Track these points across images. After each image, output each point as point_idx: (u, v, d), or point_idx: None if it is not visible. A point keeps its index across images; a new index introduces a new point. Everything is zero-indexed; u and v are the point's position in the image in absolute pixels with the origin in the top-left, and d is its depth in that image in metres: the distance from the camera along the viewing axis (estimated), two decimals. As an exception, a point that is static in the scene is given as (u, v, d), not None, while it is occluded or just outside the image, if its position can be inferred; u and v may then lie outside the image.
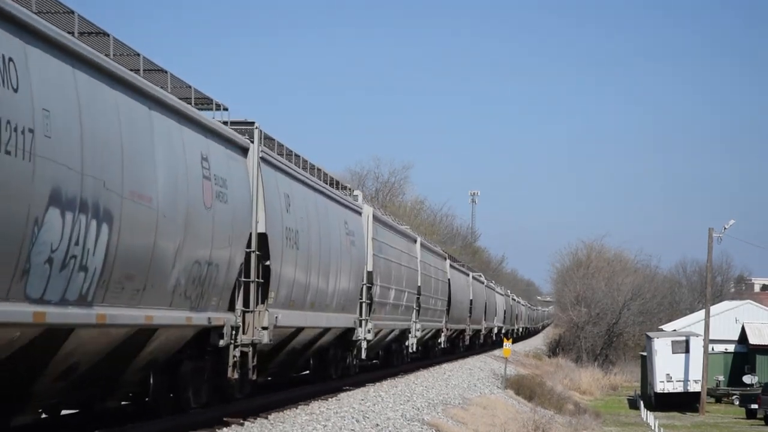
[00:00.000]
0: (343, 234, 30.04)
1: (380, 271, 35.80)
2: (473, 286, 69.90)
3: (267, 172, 22.57)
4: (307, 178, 26.71)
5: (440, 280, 53.02)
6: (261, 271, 22.31)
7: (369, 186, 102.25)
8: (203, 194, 18.42)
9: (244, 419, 20.79)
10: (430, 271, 49.33)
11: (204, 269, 18.63)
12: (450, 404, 32.72)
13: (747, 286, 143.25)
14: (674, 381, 63.68)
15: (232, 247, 20.14)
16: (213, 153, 19.22)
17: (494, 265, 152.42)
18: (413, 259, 43.95)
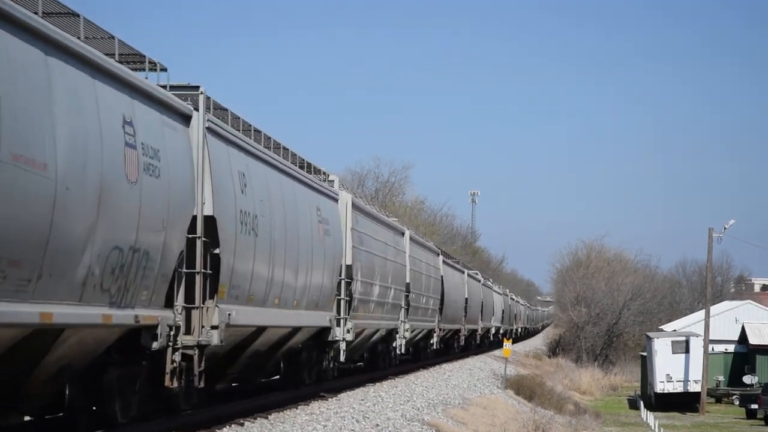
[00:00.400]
0: (315, 222, 26.47)
1: (361, 265, 32.13)
2: (469, 284, 66.84)
3: (216, 146, 19.42)
4: (270, 156, 23.27)
5: (432, 277, 49.77)
6: (210, 260, 18.93)
7: (369, 186, 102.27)
8: (126, 165, 15.28)
9: (243, 419, 20.52)
10: (421, 267, 46.20)
11: (128, 257, 15.50)
12: (450, 404, 32.72)
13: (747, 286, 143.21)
14: (674, 381, 63.65)
15: (168, 231, 16.81)
16: (140, 117, 16.02)
17: (494, 265, 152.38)
18: (401, 253, 40.58)
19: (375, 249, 34.42)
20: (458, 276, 61.97)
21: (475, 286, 71.56)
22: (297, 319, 24.86)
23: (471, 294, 66.98)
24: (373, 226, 34.94)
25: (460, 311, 61.84)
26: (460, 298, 61.62)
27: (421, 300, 46.03)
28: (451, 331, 59.71)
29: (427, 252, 49.37)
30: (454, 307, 57.78)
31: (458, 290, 60.64)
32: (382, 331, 37.64)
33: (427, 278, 47.69)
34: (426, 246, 50.04)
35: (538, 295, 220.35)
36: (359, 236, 31.86)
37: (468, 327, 66.79)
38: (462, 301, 62.45)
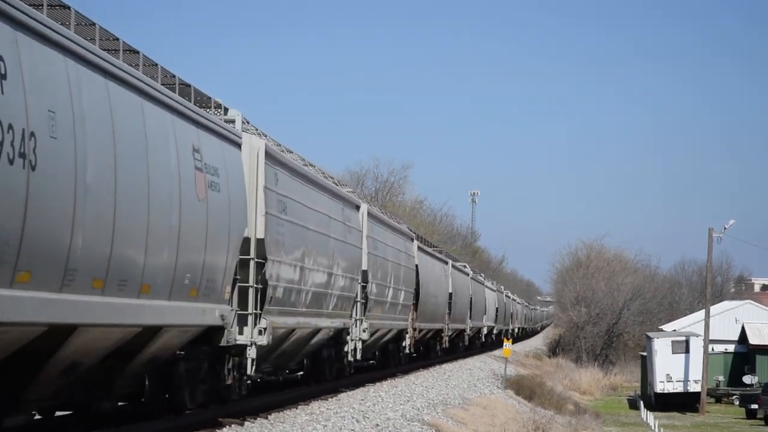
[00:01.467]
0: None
1: (281, 241, 23.45)
2: (454, 277, 57.88)
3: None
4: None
5: (403, 266, 40.36)
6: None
7: (368, 186, 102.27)
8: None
9: (243, 419, 20.72)
10: (386, 253, 37.04)
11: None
12: (450, 404, 32.71)
13: (747, 286, 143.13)
14: (674, 381, 63.66)
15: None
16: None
17: (494, 265, 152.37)
18: (353, 232, 31.07)
19: (309, 222, 26.09)
20: (439, 267, 53.68)
21: (462, 280, 63.03)
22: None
23: (457, 289, 58.68)
24: (303, 189, 25.92)
25: (443, 308, 53.63)
26: (442, 292, 53.24)
27: (387, 293, 37.11)
28: (431, 332, 51.33)
29: (394, 234, 39.91)
30: (434, 303, 49.63)
31: (439, 283, 52.09)
32: (328, 331, 28.97)
33: (395, 266, 38.72)
34: (393, 226, 40.57)
35: (538, 295, 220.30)
36: (281, 201, 24.00)
37: (453, 327, 58.54)
38: (444, 297, 54.18)
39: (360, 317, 32.40)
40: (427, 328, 48.84)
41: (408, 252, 42.12)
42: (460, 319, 61.55)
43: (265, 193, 22.07)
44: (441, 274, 53.61)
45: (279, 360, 25.96)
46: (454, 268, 59.30)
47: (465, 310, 63.95)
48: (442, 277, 53.71)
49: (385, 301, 36.91)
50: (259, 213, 21.87)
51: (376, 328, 35.06)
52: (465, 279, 64.86)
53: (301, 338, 26.59)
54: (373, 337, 34.67)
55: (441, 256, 55.64)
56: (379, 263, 35.39)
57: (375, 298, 34.59)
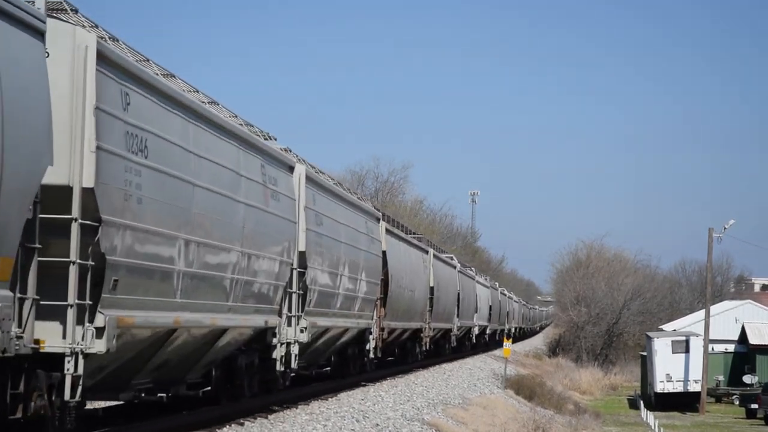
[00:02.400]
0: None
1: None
2: (436, 269, 49.62)
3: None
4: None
5: (363, 251, 32.35)
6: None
7: (368, 186, 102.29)
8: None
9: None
10: (337, 232, 28.94)
11: None
12: (450, 404, 32.72)
13: (747, 286, 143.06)
14: (674, 381, 63.65)
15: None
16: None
17: (494, 265, 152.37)
18: (285, 201, 23.21)
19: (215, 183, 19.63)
20: (416, 255, 44.94)
21: (447, 273, 54.74)
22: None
23: (440, 282, 50.48)
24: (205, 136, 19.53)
25: (421, 305, 45.25)
26: (420, 286, 44.97)
27: (339, 283, 29.10)
28: (405, 332, 43.19)
29: (351, 210, 31.72)
30: (407, 299, 41.48)
31: (416, 275, 43.86)
32: (234, 333, 21.02)
33: (350, 251, 30.50)
34: (347, 199, 31.76)
35: (538, 294, 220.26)
36: (156, 144, 17.48)
37: (436, 326, 50.20)
38: (423, 291, 46.01)
39: (295, 313, 24.66)
40: (400, 328, 40.82)
41: (370, 234, 34.03)
42: (445, 318, 53.46)
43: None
44: (419, 264, 45.19)
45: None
46: (437, 259, 51.18)
47: (451, 307, 55.70)
48: (420, 268, 45.26)
49: (334, 294, 28.71)
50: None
51: (322, 329, 27.69)
52: (451, 272, 56.71)
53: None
54: (314, 338, 26.85)
55: (419, 244, 47.04)
56: (321, 244, 26.99)
57: (315, 288, 26.16)
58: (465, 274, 64.90)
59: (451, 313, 56.48)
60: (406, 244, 42.77)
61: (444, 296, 52.09)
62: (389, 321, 37.28)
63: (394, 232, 39.91)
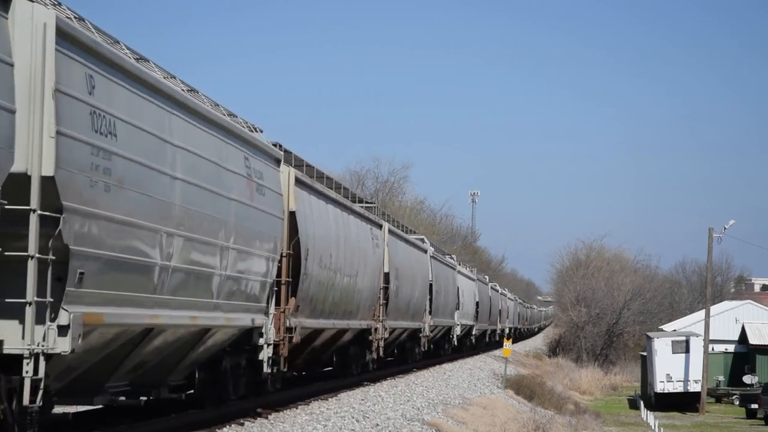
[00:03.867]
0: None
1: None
2: (395, 251, 37.40)
3: None
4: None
5: (234, 201, 21.97)
6: None
7: (369, 186, 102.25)
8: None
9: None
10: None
11: None
12: (450, 404, 32.71)
13: (747, 286, 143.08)
14: (674, 381, 63.65)
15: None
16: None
17: (494, 265, 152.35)
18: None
19: None
20: (360, 228, 31.87)
21: (414, 258, 42.35)
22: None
23: (402, 268, 38.53)
24: None
25: (366, 296, 32.41)
26: (367, 270, 32.29)
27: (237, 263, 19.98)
28: (343, 333, 30.57)
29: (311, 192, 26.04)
30: (341, 289, 28.89)
31: (361, 256, 31.39)
32: None
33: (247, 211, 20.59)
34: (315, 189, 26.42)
35: (538, 294, 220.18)
36: None
37: (394, 325, 37.56)
38: (374, 279, 33.56)
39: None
40: (330, 328, 28.51)
41: (325, 213, 26.93)
42: (410, 314, 41.31)
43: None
44: (366, 240, 32.46)
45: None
46: (396, 237, 38.10)
47: (419, 301, 43.58)
48: (367, 247, 32.45)
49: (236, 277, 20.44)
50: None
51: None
52: (419, 257, 44.18)
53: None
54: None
55: (364, 212, 33.47)
56: (246, 221, 20.42)
57: (236, 274, 19.72)
58: (441, 262, 52.43)
59: (420, 309, 43.91)
60: (334, 204, 29.05)
61: (408, 287, 39.86)
62: (304, 318, 25.44)
63: (306, 184, 26.09)
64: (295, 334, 24.16)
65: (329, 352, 31.33)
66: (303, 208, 24.87)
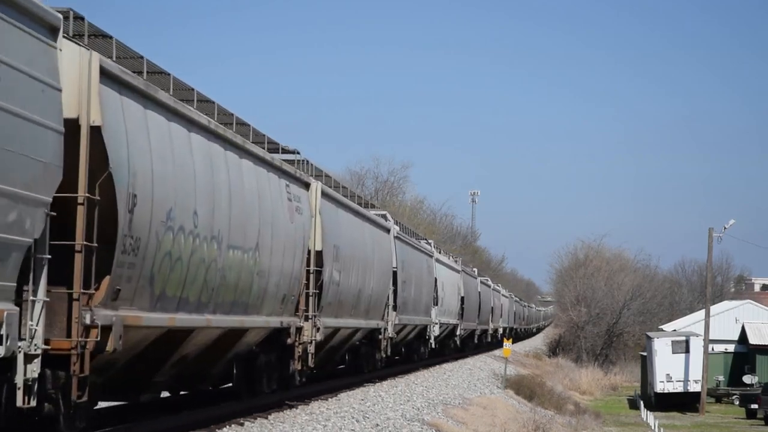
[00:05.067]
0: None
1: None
2: (365, 235, 32.41)
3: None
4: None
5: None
6: None
7: (368, 186, 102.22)
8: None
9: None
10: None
11: None
12: (450, 404, 32.70)
13: (747, 286, 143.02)
14: (674, 381, 63.64)
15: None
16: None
17: (494, 265, 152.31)
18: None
19: None
20: (273, 181, 22.85)
21: (366, 234, 32.96)
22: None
23: (344, 247, 29.43)
24: None
25: (289, 282, 23.84)
26: (291, 250, 23.78)
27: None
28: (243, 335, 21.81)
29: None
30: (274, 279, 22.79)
31: (278, 223, 22.76)
32: None
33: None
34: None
35: (538, 294, 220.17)
36: None
37: (333, 323, 28.54)
38: (295, 262, 24.24)
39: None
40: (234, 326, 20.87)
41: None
42: (362, 311, 32.29)
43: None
44: (279, 200, 23.08)
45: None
46: (334, 201, 28.56)
47: (377, 293, 34.31)
48: (279, 212, 22.89)
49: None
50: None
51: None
52: (377, 236, 34.76)
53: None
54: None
55: (274, 161, 23.27)
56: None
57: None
58: (411, 245, 42.23)
59: (380, 304, 35.20)
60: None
61: (357, 272, 30.92)
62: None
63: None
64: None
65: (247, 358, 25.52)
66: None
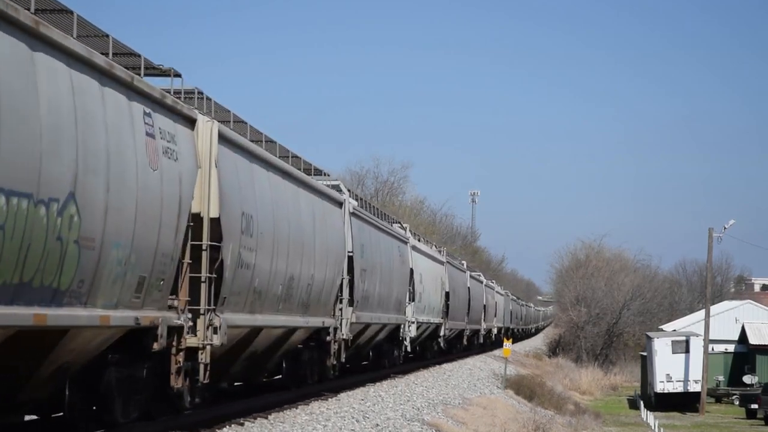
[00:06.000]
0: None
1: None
2: (299, 205, 24.71)
3: None
4: None
5: None
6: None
7: (368, 186, 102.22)
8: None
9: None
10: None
11: None
12: (450, 404, 32.69)
13: (747, 286, 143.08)
14: (674, 381, 63.64)
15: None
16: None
17: (494, 265, 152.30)
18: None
19: None
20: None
21: (321, 213, 26.75)
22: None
23: (264, 214, 21.72)
24: None
25: (146, 262, 16.38)
26: (152, 211, 16.42)
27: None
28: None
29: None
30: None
31: (139, 177, 15.89)
32: None
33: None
34: None
35: (538, 294, 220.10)
36: None
37: (237, 321, 20.45)
38: (157, 237, 17.06)
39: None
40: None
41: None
42: (294, 304, 24.55)
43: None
44: (119, 130, 16.08)
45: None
46: (250, 158, 21.50)
47: (324, 284, 26.89)
48: (125, 149, 15.56)
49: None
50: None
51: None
52: (326, 210, 27.62)
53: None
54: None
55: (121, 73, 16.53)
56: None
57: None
58: (374, 225, 34.08)
59: (327, 297, 27.66)
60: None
61: (291, 255, 23.71)
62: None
63: None
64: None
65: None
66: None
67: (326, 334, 28.19)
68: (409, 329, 42.05)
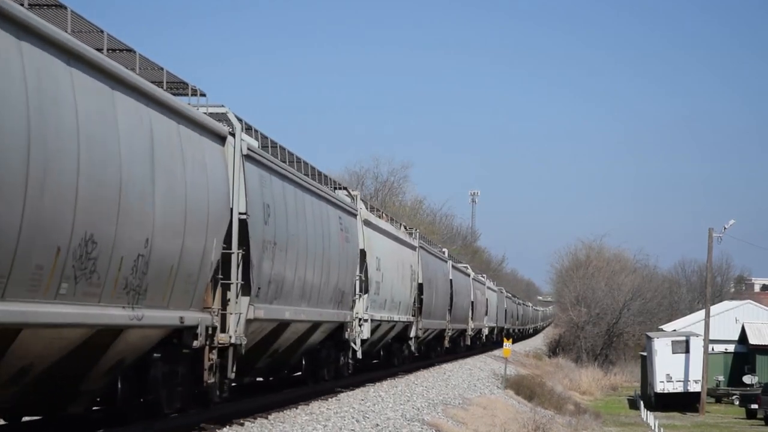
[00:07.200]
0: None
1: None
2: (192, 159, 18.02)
3: None
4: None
5: None
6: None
7: (368, 186, 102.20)
8: None
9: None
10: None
11: None
12: (450, 404, 32.69)
13: (747, 286, 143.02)
14: (674, 381, 63.63)
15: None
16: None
17: (494, 265, 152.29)
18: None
19: None
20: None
21: (186, 150, 17.75)
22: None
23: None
24: None
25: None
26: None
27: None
28: None
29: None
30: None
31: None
32: None
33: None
34: None
35: (538, 294, 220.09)
36: None
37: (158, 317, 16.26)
38: None
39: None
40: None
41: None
42: (178, 291, 17.38)
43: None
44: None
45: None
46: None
47: (188, 263, 17.69)
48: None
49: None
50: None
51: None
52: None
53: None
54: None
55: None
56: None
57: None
58: (287, 177, 24.18)
59: (190, 280, 18.36)
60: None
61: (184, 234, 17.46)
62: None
63: None
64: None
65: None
66: None
67: None
68: (360, 329, 32.64)
